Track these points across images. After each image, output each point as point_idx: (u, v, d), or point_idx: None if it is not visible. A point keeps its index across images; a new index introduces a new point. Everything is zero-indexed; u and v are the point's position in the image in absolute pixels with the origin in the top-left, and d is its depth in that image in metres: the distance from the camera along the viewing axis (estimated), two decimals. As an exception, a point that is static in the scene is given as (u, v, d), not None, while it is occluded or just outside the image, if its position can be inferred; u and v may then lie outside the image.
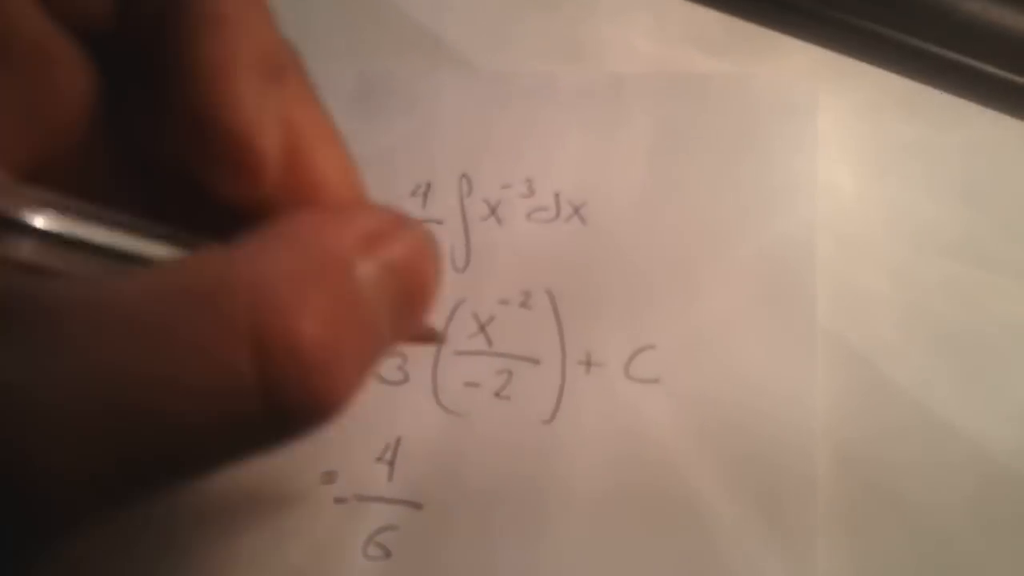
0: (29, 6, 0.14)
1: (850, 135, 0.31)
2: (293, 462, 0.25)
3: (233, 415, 0.13)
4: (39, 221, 0.13)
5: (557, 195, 0.29)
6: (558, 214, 0.29)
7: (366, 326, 0.14)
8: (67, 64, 0.15)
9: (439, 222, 0.29)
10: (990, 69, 0.31)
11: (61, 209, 0.13)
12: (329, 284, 0.14)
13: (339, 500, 0.25)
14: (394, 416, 0.26)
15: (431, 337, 0.21)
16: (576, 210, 0.29)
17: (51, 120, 0.15)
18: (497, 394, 0.27)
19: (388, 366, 0.27)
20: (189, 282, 0.13)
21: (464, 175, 0.30)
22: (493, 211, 0.29)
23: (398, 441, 0.26)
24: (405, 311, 0.15)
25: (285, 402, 0.13)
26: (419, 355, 0.27)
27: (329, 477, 0.26)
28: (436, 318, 0.28)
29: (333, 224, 0.14)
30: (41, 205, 0.13)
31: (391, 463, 0.26)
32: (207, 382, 0.12)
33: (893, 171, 0.30)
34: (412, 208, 0.30)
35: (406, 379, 0.27)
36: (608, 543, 0.25)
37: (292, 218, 0.14)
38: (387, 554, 0.25)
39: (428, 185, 0.30)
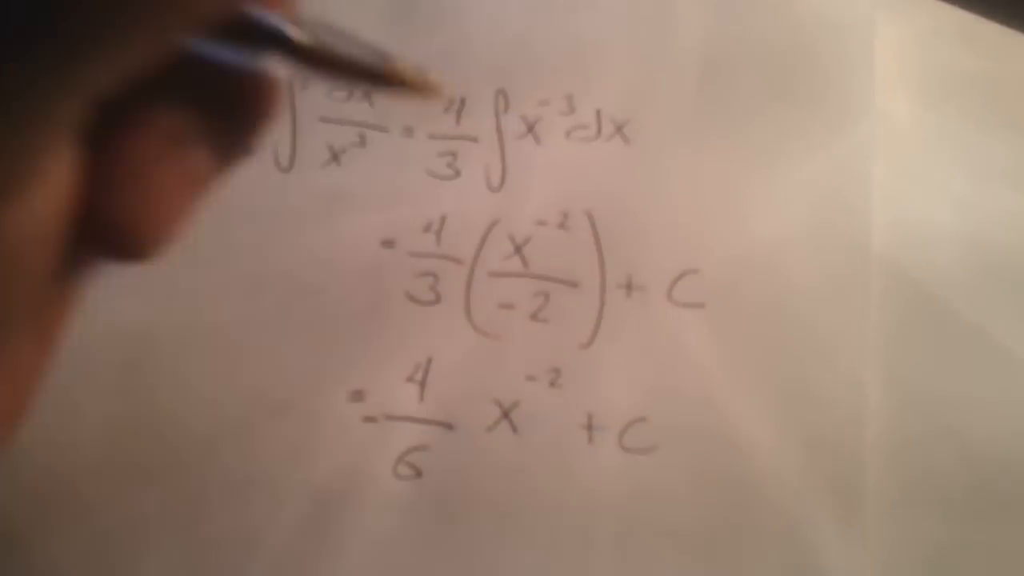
0: None
1: (907, 64, 0.30)
2: (319, 380, 0.25)
3: None
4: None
5: (599, 112, 0.29)
6: (599, 132, 0.29)
7: None
8: None
9: (474, 139, 0.29)
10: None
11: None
12: None
13: (368, 419, 0.25)
14: (425, 336, 0.26)
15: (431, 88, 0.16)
16: (619, 128, 0.29)
17: None
18: (533, 316, 0.27)
19: (419, 286, 0.27)
20: None
21: (500, 91, 0.29)
22: (531, 129, 0.29)
23: (429, 361, 0.26)
24: None
25: None
26: (452, 275, 0.27)
27: (358, 396, 0.25)
28: (468, 238, 0.28)
29: None
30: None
31: (422, 383, 0.26)
32: None
33: (951, 101, 0.30)
34: (445, 125, 0.29)
35: (438, 299, 0.27)
36: (642, 468, 0.25)
37: None
38: (418, 474, 0.24)
39: (462, 101, 0.29)
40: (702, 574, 0.24)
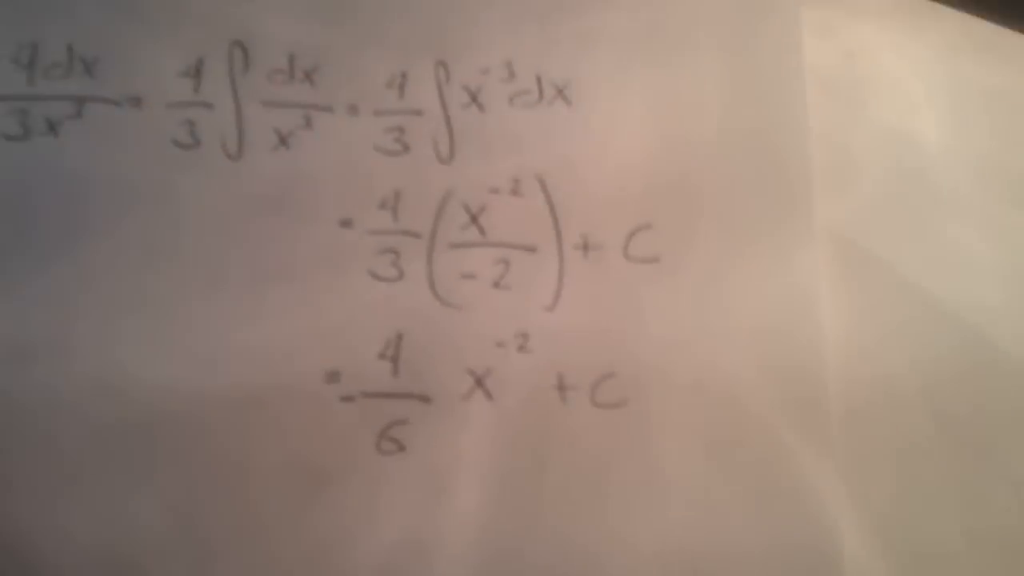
0: None
1: (929, 81, 0.31)
2: (293, 364, 0.26)
3: None
4: None
5: (539, 77, 0.30)
6: (541, 96, 0.30)
7: None
8: None
9: (418, 113, 0.29)
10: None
11: None
12: None
13: (345, 399, 0.26)
14: (392, 312, 0.27)
15: None
16: (560, 91, 0.30)
17: None
18: (496, 284, 0.27)
19: (381, 262, 0.27)
20: None
21: (440, 62, 0.30)
22: (474, 98, 0.30)
23: (399, 337, 0.27)
24: None
25: None
26: (412, 249, 0.28)
27: (332, 376, 0.26)
28: (424, 212, 0.28)
29: None
30: None
31: (394, 359, 0.26)
32: None
33: (976, 119, 0.30)
34: (389, 100, 0.30)
35: (401, 275, 0.27)
36: (615, 421, 0.26)
37: None
38: (401, 447, 0.25)
39: (404, 75, 0.30)
40: (681, 516, 0.25)
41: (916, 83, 0.31)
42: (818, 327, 0.27)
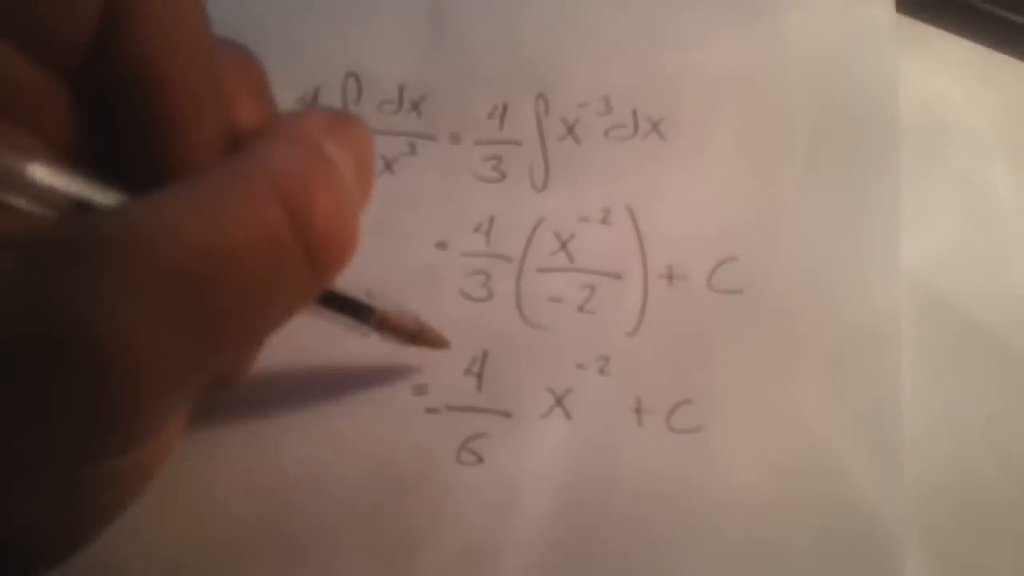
0: (7, 52, 0.17)
1: (1002, 130, 0.31)
2: (384, 375, 0.27)
3: (284, 270, 0.17)
4: (38, 173, 0.16)
5: (635, 111, 0.31)
6: (636, 130, 0.31)
7: (345, 188, 0.19)
8: (44, 100, 0.18)
9: (517, 143, 0.31)
10: None
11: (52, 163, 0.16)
12: (319, 162, 0.18)
13: (431, 411, 0.27)
14: (480, 331, 0.28)
15: (441, 343, 0.27)
16: (655, 126, 0.31)
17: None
18: (580, 308, 0.29)
19: (472, 283, 0.29)
20: (214, 179, 0.17)
21: (540, 95, 0.31)
22: (570, 130, 0.31)
23: (485, 354, 0.28)
24: (362, 179, 0.20)
25: (320, 252, 0.17)
26: (502, 272, 0.29)
27: (420, 390, 0.27)
28: (516, 237, 0.30)
29: (301, 123, 0.19)
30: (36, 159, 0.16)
31: (479, 375, 0.28)
32: (253, 239, 0.16)
33: None
34: (490, 130, 0.31)
35: (490, 296, 0.29)
36: (690, 447, 0.27)
37: (267, 128, 0.20)
38: (479, 459, 0.27)
39: (505, 106, 0.31)
40: (745, 544, 0.25)
41: (989, 132, 0.31)
42: (896, 365, 0.27)
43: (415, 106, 0.32)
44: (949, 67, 0.33)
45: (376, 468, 0.27)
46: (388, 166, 0.31)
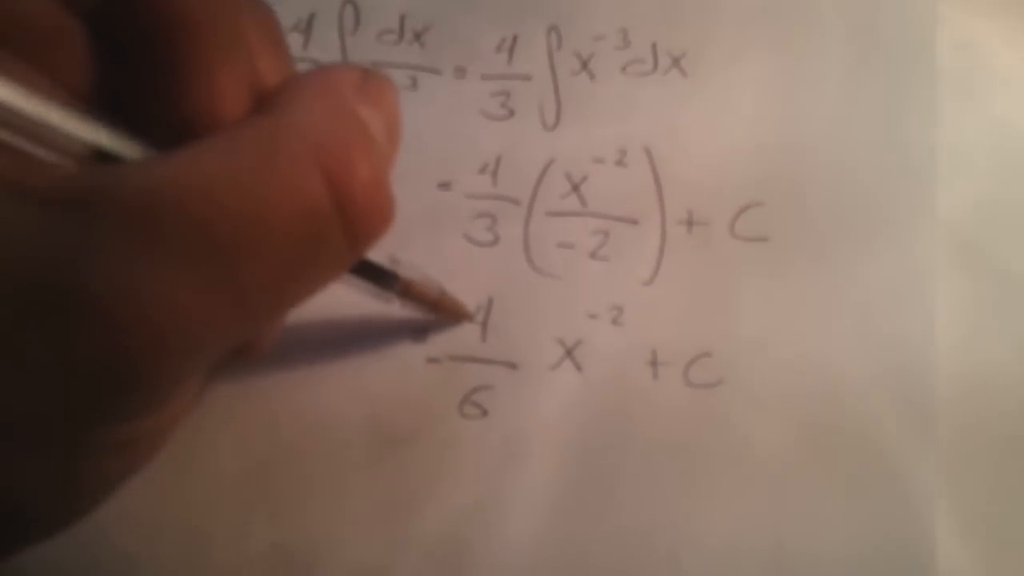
0: None
1: None
2: (381, 320, 0.26)
3: (320, 241, 0.16)
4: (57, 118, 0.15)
5: (654, 46, 0.29)
6: (656, 66, 0.29)
7: (381, 155, 0.18)
8: (68, 39, 0.17)
9: (527, 78, 0.29)
10: None
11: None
12: (355, 128, 0.17)
13: (432, 360, 0.26)
14: (485, 277, 0.27)
15: (464, 314, 0.26)
16: (676, 61, 0.29)
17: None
18: (593, 255, 0.27)
19: (477, 227, 0.27)
20: (248, 141, 0.16)
21: (553, 27, 0.29)
22: (585, 65, 0.29)
23: (490, 302, 0.26)
24: (391, 140, 0.19)
25: (360, 222, 0.17)
26: (509, 215, 0.27)
27: (419, 336, 0.26)
28: (525, 178, 0.28)
29: (332, 82, 0.18)
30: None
31: (484, 323, 0.26)
32: (292, 209, 0.15)
33: None
34: (498, 64, 0.29)
35: (496, 240, 0.27)
36: (708, 402, 0.25)
37: (296, 84, 0.18)
38: (484, 412, 0.25)
39: (514, 39, 0.29)
40: (767, 501, 0.24)
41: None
42: (929, 316, 0.26)
43: (418, 36, 0.30)
44: (987, 8, 0.31)
45: (373, 420, 0.25)
46: (388, 100, 0.28)
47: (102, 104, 0.17)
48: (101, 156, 0.16)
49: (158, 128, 0.17)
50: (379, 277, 0.23)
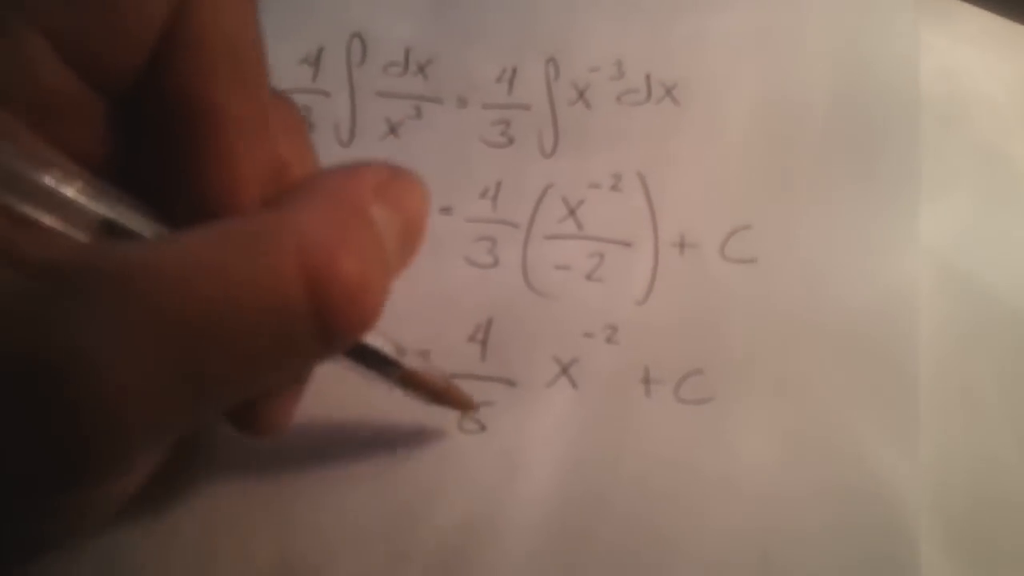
0: (49, 60, 0.17)
1: (1022, 105, 0.31)
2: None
3: (289, 338, 0.16)
4: (68, 191, 0.16)
5: (648, 76, 0.30)
6: (649, 96, 0.30)
7: (383, 258, 0.18)
8: (89, 114, 0.18)
9: (526, 107, 0.30)
10: None
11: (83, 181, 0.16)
12: (356, 227, 0.18)
13: (433, 378, 0.26)
14: (485, 298, 0.28)
15: (468, 405, 0.25)
16: (668, 91, 0.30)
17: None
18: (588, 276, 0.28)
19: (478, 250, 0.28)
20: (240, 234, 0.16)
21: (551, 59, 0.31)
22: (581, 95, 0.30)
23: (489, 322, 0.27)
24: (407, 243, 0.20)
25: (334, 323, 0.17)
26: (508, 239, 0.28)
27: (423, 356, 0.27)
28: (524, 203, 0.29)
29: (352, 179, 0.19)
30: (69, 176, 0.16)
31: (483, 343, 0.27)
32: (265, 312, 0.16)
33: None
34: (498, 94, 0.30)
35: (496, 262, 0.28)
36: (698, 418, 0.26)
37: (314, 179, 0.19)
38: (483, 428, 0.26)
39: (514, 70, 0.31)
40: (755, 511, 0.25)
41: (1009, 104, 0.31)
42: (913, 338, 0.27)
43: (421, 68, 0.31)
44: (969, 38, 0.32)
45: (376, 434, 0.26)
46: (392, 130, 0.30)
47: (123, 175, 0.18)
48: (111, 229, 0.16)
49: (176, 206, 0.17)
50: (379, 363, 0.22)
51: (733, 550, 0.25)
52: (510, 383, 0.27)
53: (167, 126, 0.18)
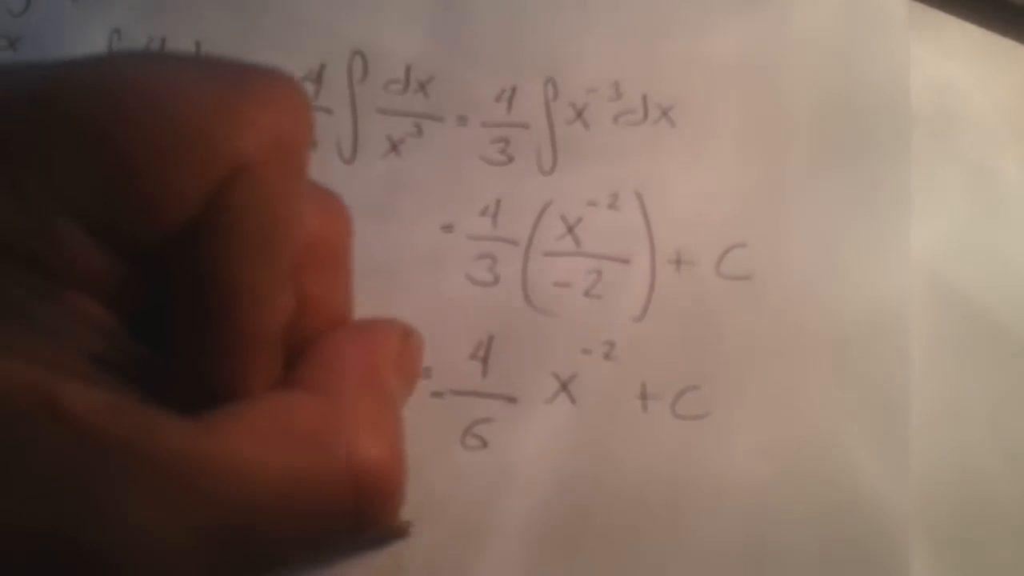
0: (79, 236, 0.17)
1: (1012, 120, 0.31)
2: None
3: (329, 532, 0.18)
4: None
5: (645, 97, 0.31)
6: (646, 116, 0.31)
7: (401, 433, 0.20)
8: (105, 280, 0.18)
9: (525, 126, 0.31)
10: None
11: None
12: (389, 416, 0.20)
13: (435, 394, 0.27)
14: (485, 315, 0.28)
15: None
16: (665, 112, 0.31)
17: None
18: (587, 293, 0.29)
19: (478, 267, 0.29)
20: (289, 436, 0.17)
21: (549, 79, 0.31)
22: (579, 115, 0.31)
23: (490, 339, 0.28)
24: (409, 391, 0.23)
25: (372, 514, 0.18)
26: (508, 256, 0.29)
27: (425, 372, 0.27)
28: (523, 221, 0.30)
29: (372, 354, 0.21)
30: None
31: (484, 359, 0.28)
32: (315, 517, 0.18)
33: None
34: (497, 113, 0.31)
35: (496, 280, 0.29)
36: (695, 433, 0.27)
37: (336, 351, 0.21)
38: (484, 444, 0.27)
39: (513, 89, 0.31)
40: (750, 529, 0.26)
41: (999, 119, 0.31)
42: (904, 352, 0.27)
43: (422, 87, 0.31)
44: (959, 53, 0.33)
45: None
46: (394, 147, 0.31)
47: (135, 321, 0.18)
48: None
49: (185, 350, 0.18)
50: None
51: (727, 564, 0.25)
52: (511, 399, 0.27)
53: (184, 287, 0.18)
